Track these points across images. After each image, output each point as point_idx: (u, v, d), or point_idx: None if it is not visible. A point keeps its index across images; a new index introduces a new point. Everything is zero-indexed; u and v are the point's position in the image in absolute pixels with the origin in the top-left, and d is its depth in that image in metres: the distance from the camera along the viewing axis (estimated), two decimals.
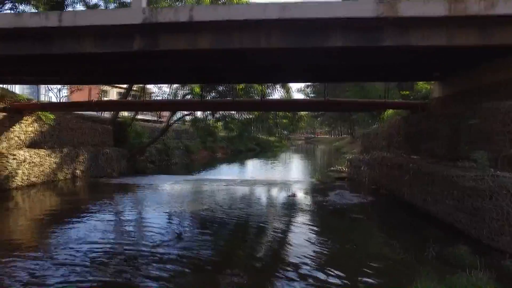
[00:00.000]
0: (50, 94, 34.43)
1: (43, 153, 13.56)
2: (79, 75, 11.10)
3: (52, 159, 14.06)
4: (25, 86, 29.25)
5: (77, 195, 12.61)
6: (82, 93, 31.74)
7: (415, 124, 11.99)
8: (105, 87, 55.96)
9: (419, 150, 11.43)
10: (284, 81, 13.69)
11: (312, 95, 60.09)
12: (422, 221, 8.55)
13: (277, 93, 22.36)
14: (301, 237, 6.96)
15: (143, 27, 7.65)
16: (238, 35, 7.73)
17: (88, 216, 8.58)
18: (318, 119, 74.23)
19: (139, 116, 45.98)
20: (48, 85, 33.55)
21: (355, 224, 8.54)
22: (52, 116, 14.50)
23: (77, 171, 15.54)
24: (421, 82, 14.75)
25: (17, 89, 17.82)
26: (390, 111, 14.63)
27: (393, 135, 13.70)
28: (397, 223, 8.65)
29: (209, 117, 20.82)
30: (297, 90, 65.47)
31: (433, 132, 10.60)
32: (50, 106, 14.86)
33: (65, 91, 37.90)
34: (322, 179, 16.95)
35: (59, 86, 32.71)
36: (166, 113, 23.84)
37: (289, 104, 12.57)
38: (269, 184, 15.09)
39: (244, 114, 22.64)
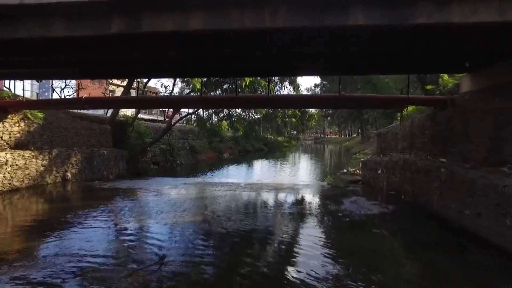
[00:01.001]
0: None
1: (28, 155, 12.27)
2: (54, 65, 9.69)
3: (39, 161, 12.77)
4: (34, 84, 28.38)
5: (59, 202, 11.20)
6: (86, 92, 30.66)
7: (444, 123, 10.33)
8: (112, 87, 55.28)
9: (449, 152, 9.78)
10: (293, 73, 12.15)
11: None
12: (460, 240, 6.95)
13: (285, 91, 20.82)
14: (314, 265, 5.41)
15: (122, 4, 6.24)
16: (238, 13, 6.24)
17: (57, 233, 7.11)
18: (328, 118, 72.50)
19: (145, 116, 45.01)
20: (52, 83, 32.67)
21: (379, 243, 6.95)
22: (41, 115, 13.20)
23: (68, 174, 14.22)
24: (446, 76, 13.05)
25: (23, 88, 16.53)
26: (410, 108, 12.95)
27: (416, 135, 12.04)
28: (430, 241, 7.04)
29: (214, 116, 19.36)
30: (306, 90, 63.72)
31: (467, 131, 8.94)
32: (37, 104, 13.54)
33: (70, 90, 36.99)
34: (334, 183, 15.35)
35: (62, 85, 31.76)
36: (171, 113, 22.47)
37: (299, 100, 11.02)
38: (276, 188, 13.56)
39: (251, 113, 21.15)
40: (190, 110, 21.95)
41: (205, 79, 18.74)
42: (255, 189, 13.43)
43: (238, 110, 20.20)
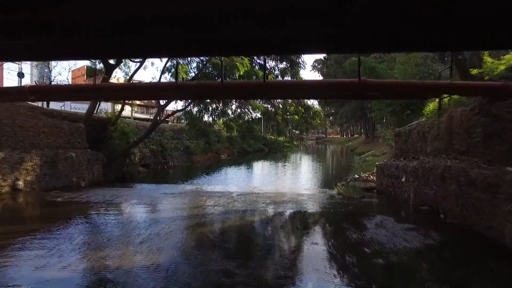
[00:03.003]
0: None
1: None
2: None
3: None
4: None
5: None
6: None
7: (505, 118, 7.28)
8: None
9: None
10: (297, 51, 9.07)
11: None
12: None
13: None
14: None
15: None
16: None
17: None
18: (330, 118, 69.38)
19: (141, 116, 42.02)
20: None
21: None
22: None
23: (20, 182, 11.24)
24: (489, 59, 9.93)
25: None
26: (444, 100, 9.88)
27: (457, 135, 8.98)
28: None
29: (205, 113, 16.31)
30: None
31: None
32: None
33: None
34: (346, 192, 12.29)
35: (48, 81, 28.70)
36: (157, 109, 19.40)
37: (304, 88, 7.97)
38: (275, 202, 10.49)
39: (248, 109, 18.09)
40: (180, 107, 18.90)
41: (193, 74, 15.82)
42: (249, 202, 10.38)
43: (233, 107, 17.18)
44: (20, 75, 15.84)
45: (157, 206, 9.90)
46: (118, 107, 52.95)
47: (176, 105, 25.55)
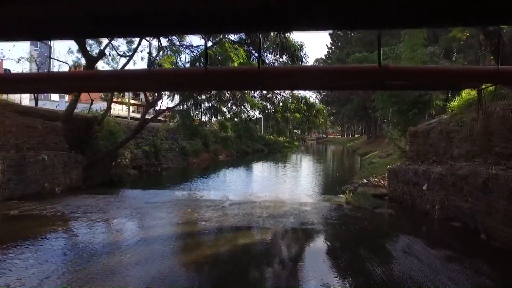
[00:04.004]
0: None
1: None
2: None
3: None
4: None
5: None
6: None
7: None
8: None
9: None
10: (305, 26, 7.13)
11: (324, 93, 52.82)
12: None
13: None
14: None
15: None
16: None
17: None
18: (331, 118, 67.46)
19: (134, 115, 40.15)
20: None
21: None
22: None
23: None
24: None
25: None
26: (486, 91, 8.00)
27: (501, 134, 7.11)
28: None
29: (195, 110, 14.39)
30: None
31: None
32: None
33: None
34: (356, 201, 10.45)
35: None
36: (144, 108, 17.48)
37: (311, 75, 6.12)
38: (273, 216, 8.60)
39: (245, 107, 16.20)
40: (171, 105, 17.01)
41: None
42: (242, 216, 8.51)
43: (228, 104, 15.26)
44: None
45: (130, 222, 8.03)
46: (119, 106, 51.16)
47: (168, 103, 23.56)
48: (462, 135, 8.55)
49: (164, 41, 13.54)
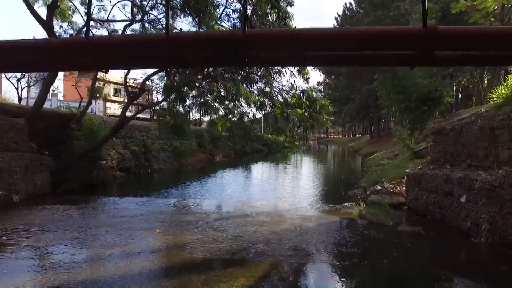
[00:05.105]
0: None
1: None
2: None
3: None
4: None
5: None
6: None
7: None
8: (100, 83, 48.12)
9: None
10: None
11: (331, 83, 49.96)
12: None
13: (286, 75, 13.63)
14: None
15: None
16: None
17: None
18: (331, 117, 65.16)
19: (130, 114, 37.87)
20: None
21: None
22: None
23: None
24: None
25: None
26: None
27: None
28: None
29: (180, 105, 12.15)
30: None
31: None
32: None
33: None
34: (372, 215, 8.25)
35: (18, 75, 24.40)
36: (126, 103, 15.22)
37: (322, 42, 3.89)
38: (269, 235, 6.41)
39: (239, 102, 13.94)
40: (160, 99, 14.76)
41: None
42: (228, 237, 6.34)
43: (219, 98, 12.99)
44: None
45: (67, 252, 5.83)
46: (115, 105, 48.65)
47: (158, 97, 21.28)
48: None
49: None
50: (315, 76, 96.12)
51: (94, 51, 4.28)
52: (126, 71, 14.16)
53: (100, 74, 33.43)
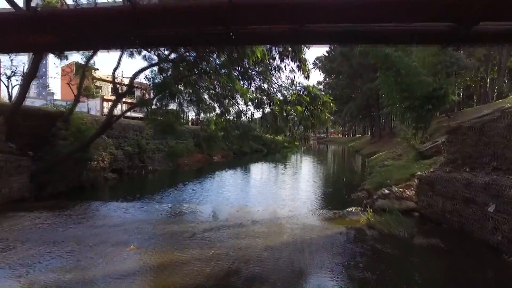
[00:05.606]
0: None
1: None
2: None
3: None
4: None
5: None
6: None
7: None
8: (99, 82, 46.84)
9: None
10: None
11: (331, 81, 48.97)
12: None
13: (285, 67, 12.58)
14: None
15: None
16: None
17: None
18: (331, 117, 64.14)
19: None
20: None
21: None
22: None
23: None
24: None
25: None
26: None
27: None
28: None
29: (170, 102, 11.09)
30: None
31: None
32: None
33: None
34: (382, 224, 7.19)
35: (8, 72, 23.28)
36: (113, 100, 14.17)
37: (329, 13, 2.83)
38: (263, 254, 5.37)
39: (234, 99, 12.87)
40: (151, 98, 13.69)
41: None
42: (214, 257, 5.28)
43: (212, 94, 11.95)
44: None
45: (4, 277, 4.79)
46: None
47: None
48: None
49: None
50: (315, 75, 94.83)
51: (39, 27, 3.25)
52: (115, 66, 13.13)
53: (97, 73, 32.21)
